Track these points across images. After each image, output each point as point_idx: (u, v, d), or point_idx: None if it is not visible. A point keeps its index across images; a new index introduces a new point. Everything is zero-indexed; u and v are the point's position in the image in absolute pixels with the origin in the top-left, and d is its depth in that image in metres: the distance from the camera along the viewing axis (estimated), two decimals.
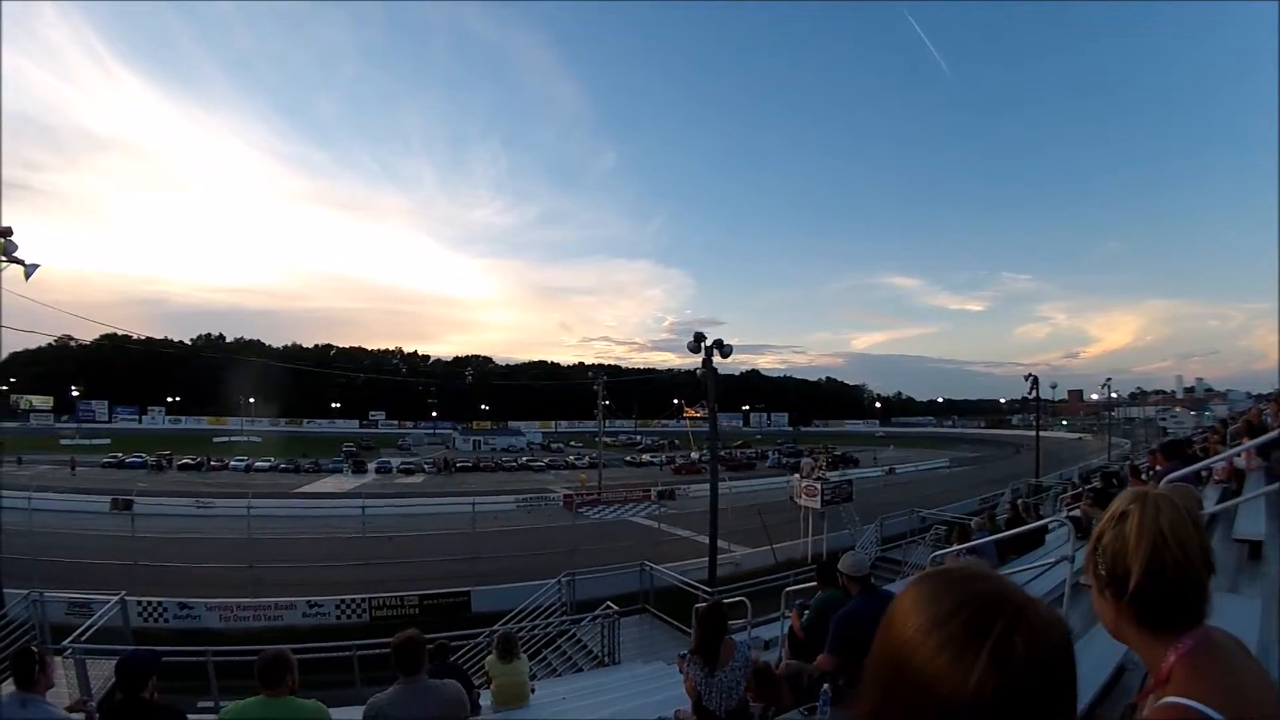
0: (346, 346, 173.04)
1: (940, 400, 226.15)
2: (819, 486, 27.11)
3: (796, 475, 30.89)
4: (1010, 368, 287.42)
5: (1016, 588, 0.92)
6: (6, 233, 16.93)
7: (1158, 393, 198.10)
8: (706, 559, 22.63)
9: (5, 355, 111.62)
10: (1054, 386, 64.85)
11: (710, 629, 6.22)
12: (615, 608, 14.87)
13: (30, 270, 17.30)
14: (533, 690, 9.72)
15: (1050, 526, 12.38)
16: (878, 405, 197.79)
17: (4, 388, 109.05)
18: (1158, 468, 9.44)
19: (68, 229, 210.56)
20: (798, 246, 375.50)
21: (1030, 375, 47.95)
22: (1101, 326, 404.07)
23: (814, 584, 8.32)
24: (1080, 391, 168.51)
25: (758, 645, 10.29)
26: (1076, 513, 11.13)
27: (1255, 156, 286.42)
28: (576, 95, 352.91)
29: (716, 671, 5.99)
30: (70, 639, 12.11)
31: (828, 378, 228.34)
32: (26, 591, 15.94)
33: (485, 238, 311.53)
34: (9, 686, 5.41)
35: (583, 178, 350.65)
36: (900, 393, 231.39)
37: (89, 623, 13.41)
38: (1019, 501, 22.37)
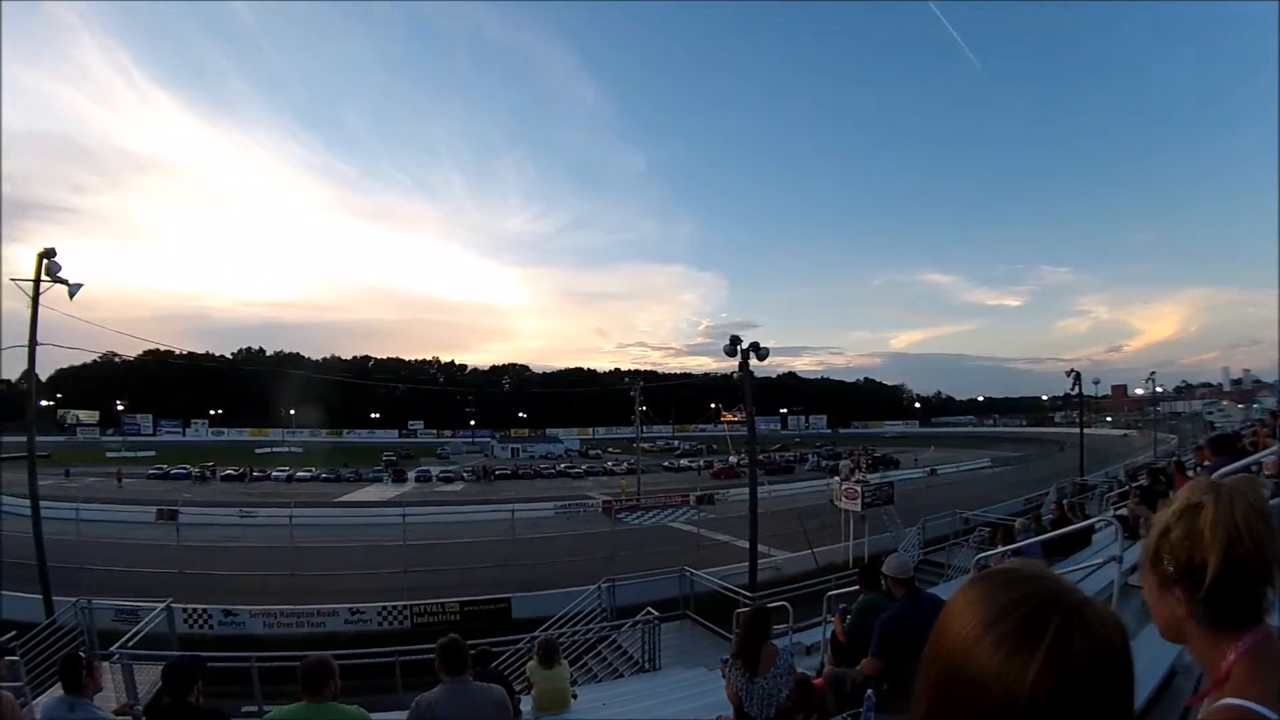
0: (384, 357, 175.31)
1: (980, 399, 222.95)
2: (859, 489, 26.90)
3: (836, 478, 30.71)
4: (1051, 363, 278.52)
5: (1073, 586, 0.89)
6: (50, 254, 17.48)
7: (1204, 385, 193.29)
8: (747, 564, 22.49)
9: (52, 372, 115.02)
10: (1097, 382, 63.31)
11: (752, 634, 6.16)
12: (655, 613, 14.84)
13: (74, 289, 17.85)
14: (574, 696, 9.72)
15: (1097, 526, 12.09)
16: (917, 405, 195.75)
17: (51, 403, 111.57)
18: (1205, 463, 9.20)
19: (110, 249, 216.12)
20: (832, 246, 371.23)
21: (1072, 371, 47.15)
22: (1144, 318, 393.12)
23: (856, 588, 8.24)
24: (1124, 386, 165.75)
25: (799, 651, 10.19)
26: (1123, 512, 10.91)
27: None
28: (602, 99, 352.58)
29: (757, 678, 5.93)
30: (118, 645, 12.33)
31: (866, 378, 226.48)
32: (75, 599, 16.31)
33: (517, 245, 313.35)
34: (58, 690, 5.52)
35: (612, 182, 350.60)
36: (940, 392, 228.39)
37: (136, 629, 13.67)
38: (1064, 501, 21.99)
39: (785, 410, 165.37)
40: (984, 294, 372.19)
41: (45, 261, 17.56)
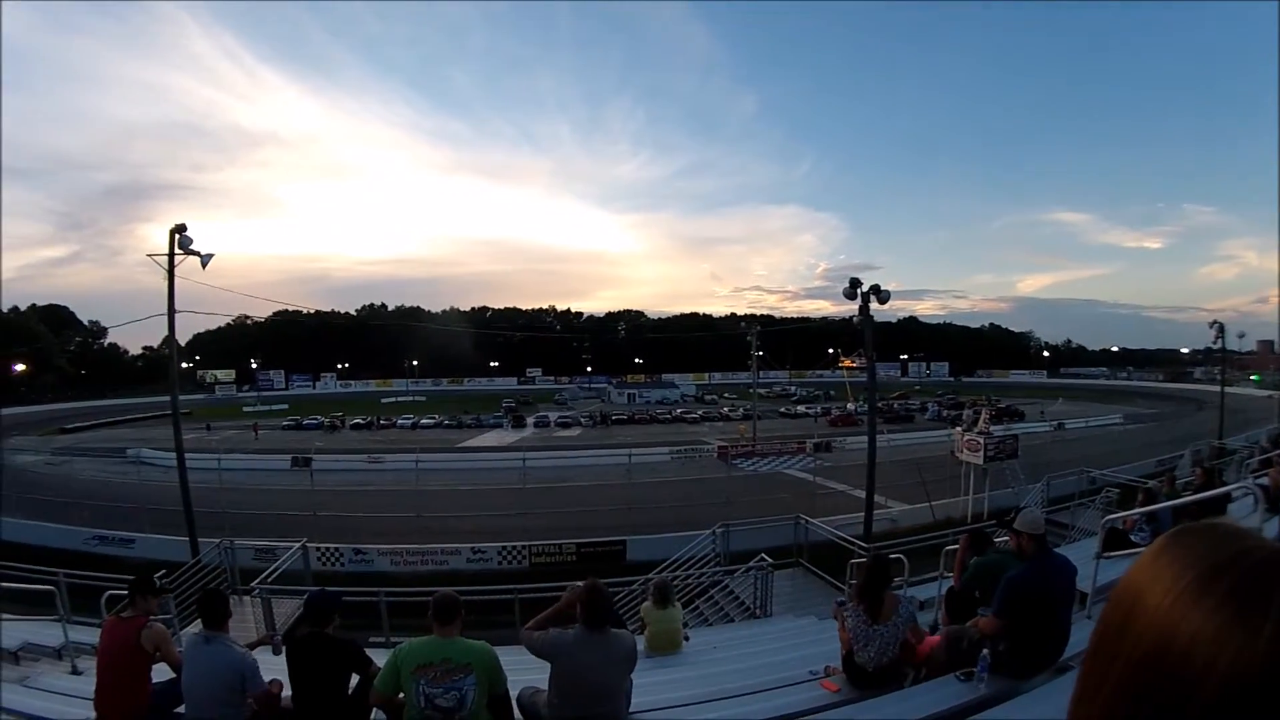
0: (502, 307, 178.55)
1: (1114, 350, 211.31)
2: (982, 441, 26.03)
3: (958, 429, 29.80)
4: (1193, 314, 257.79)
5: None
6: (181, 229, 19.07)
7: None
8: (862, 514, 22.22)
9: (190, 336, 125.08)
10: (1241, 336, 58.43)
11: (875, 579, 6.11)
12: (769, 560, 14.80)
13: (205, 260, 19.41)
14: (686, 638, 9.86)
15: (1234, 495, 10.94)
16: (1045, 354, 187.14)
17: (191, 365, 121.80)
18: None
19: (237, 221, 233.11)
20: (956, 182, 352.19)
21: (1215, 323, 43.95)
22: None
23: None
24: (1271, 342, 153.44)
25: (913, 605, 10.04)
26: (1265, 481, 10.10)
27: None
28: (710, 41, 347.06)
29: (878, 624, 5.87)
30: (258, 581, 13.41)
31: (990, 324, 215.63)
32: (218, 540, 17.64)
33: (629, 193, 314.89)
34: (197, 625, 5.93)
35: (724, 125, 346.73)
36: (1070, 341, 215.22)
37: (274, 566, 14.80)
38: (1205, 465, 20.58)
39: (905, 356, 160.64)
40: (1120, 235, 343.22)
41: (177, 236, 19.06)
